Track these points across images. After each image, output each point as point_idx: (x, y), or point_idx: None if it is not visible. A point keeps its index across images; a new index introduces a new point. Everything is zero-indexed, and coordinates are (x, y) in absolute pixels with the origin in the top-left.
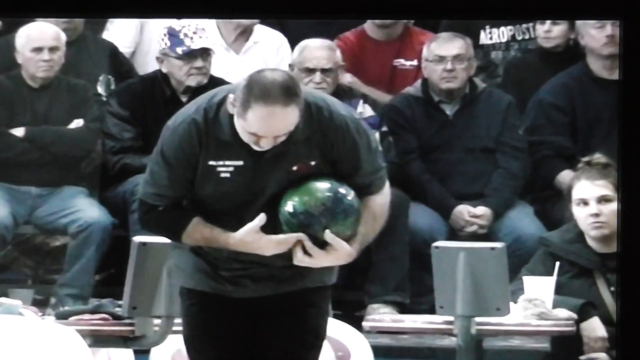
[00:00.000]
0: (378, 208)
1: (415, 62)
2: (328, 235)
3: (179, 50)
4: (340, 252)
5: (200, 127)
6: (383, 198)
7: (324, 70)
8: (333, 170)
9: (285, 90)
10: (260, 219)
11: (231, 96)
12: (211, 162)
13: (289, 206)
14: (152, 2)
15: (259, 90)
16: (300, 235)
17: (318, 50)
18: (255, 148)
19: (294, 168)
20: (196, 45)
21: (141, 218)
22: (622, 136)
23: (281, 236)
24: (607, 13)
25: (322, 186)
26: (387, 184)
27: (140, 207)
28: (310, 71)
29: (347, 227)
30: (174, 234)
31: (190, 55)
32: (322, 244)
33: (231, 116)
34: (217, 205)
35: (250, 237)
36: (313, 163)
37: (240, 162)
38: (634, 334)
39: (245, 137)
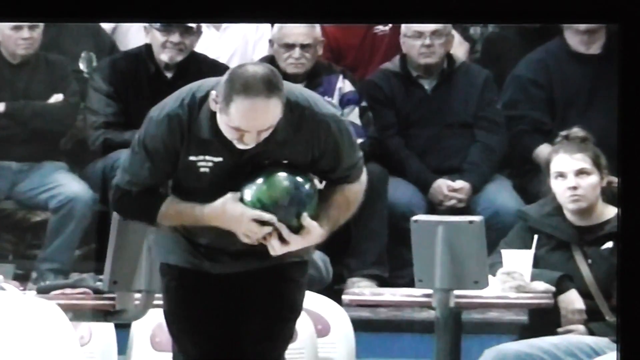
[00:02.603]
0: (352, 195)
1: (390, 25)
2: (305, 219)
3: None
4: (313, 234)
5: (183, 123)
6: (359, 186)
7: (303, 46)
8: (312, 167)
9: (267, 83)
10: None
11: (213, 93)
12: (191, 158)
13: (254, 201)
14: (137, 6)
15: (241, 83)
16: (274, 218)
17: (297, 26)
18: (239, 146)
19: (266, 162)
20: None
21: (115, 203)
22: (621, 141)
23: (257, 212)
24: (605, 17)
25: (281, 176)
26: (365, 171)
27: (114, 192)
28: (290, 47)
29: (312, 208)
30: (149, 216)
31: (169, 28)
32: (295, 230)
33: (212, 114)
34: (196, 200)
35: (230, 204)
36: (285, 162)
37: (220, 159)
38: (634, 330)
39: (228, 134)
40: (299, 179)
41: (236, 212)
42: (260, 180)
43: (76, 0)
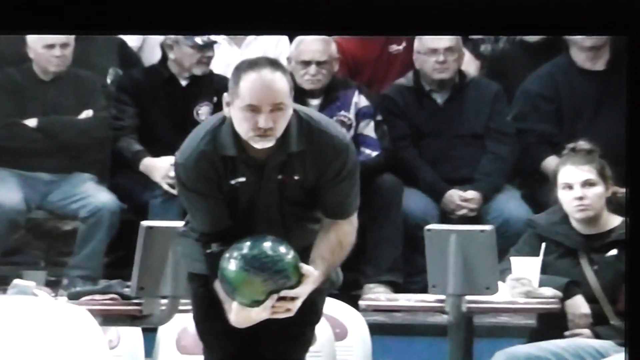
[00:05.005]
0: (343, 237)
1: (404, 44)
2: (290, 292)
3: (199, 40)
4: (311, 279)
5: (210, 156)
6: (350, 227)
7: (319, 63)
8: (312, 192)
9: (270, 60)
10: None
11: (225, 95)
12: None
13: (242, 295)
14: (155, 18)
15: (246, 64)
16: (275, 298)
17: (313, 43)
18: (257, 145)
19: (279, 177)
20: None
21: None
22: (630, 156)
23: (267, 304)
24: (612, 29)
25: (257, 275)
26: (355, 216)
27: (203, 245)
28: (306, 64)
29: (295, 268)
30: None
31: (206, 45)
32: (294, 285)
33: (232, 129)
34: (229, 225)
35: (242, 314)
36: (297, 177)
37: (243, 179)
38: None
39: (244, 126)
40: (269, 252)
41: (252, 314)
42: (242, 279)
43: (102, 14)
